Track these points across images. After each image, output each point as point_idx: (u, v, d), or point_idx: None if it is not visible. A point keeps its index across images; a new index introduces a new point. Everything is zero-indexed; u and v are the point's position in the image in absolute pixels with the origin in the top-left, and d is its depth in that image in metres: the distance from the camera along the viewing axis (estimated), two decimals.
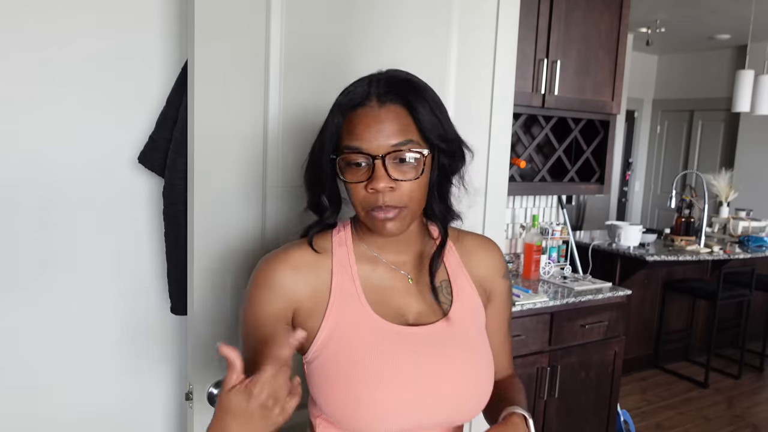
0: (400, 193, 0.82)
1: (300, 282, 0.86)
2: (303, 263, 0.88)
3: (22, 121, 1.15)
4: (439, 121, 0.84)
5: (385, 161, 0.80)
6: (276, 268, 0.87)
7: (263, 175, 1.11)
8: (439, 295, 0.91)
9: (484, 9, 1.33)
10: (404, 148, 0.80)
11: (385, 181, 0.80)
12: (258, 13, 1.06)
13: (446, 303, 0.91)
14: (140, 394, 1.35)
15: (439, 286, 0.91)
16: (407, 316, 0.89)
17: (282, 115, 1.11)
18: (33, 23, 1.14)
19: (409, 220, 0.84)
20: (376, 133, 0.80)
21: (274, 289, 0.86)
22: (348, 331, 0.85)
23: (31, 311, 1.20)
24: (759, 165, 5.54)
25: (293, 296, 0.86)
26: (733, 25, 4.89)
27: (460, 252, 0.96)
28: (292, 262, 0.87)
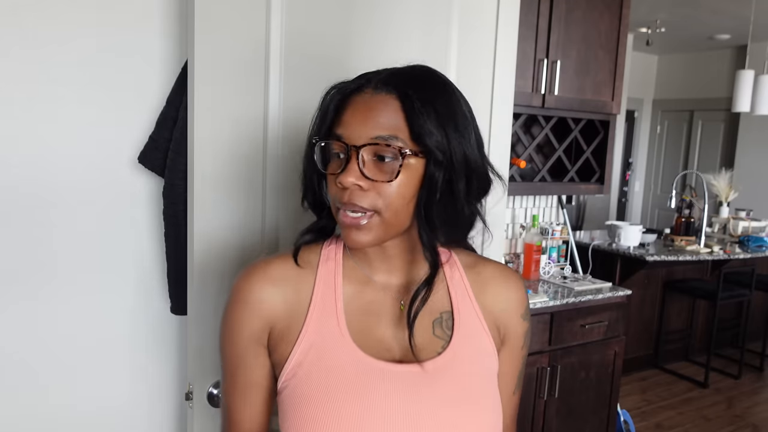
0: (372, 194, 0.70)
1: (277, 297, 0.77)
2: (283, 276, 0.78)
3: (21, 121, 1.15)
4: (442, 130, 0.71)
5: (360, 153, 0.70)
6: (252, 281, 0.77)
7: (263, 175, 1.11)
8: (435, 329, 0.77)
9: (484, 9, 1.33)
10: (383, 143, 0.69)
11: (355, 175, 0.69)
12: (258, 12, 1.06)
13: (443, 338, 0.77)
14: (140, 393, 1.35)
15: (438, 318, 0.78)
16: (394, 350, 0.76)
17: (282, 115, 1.11)
18: (33, 22, 1.14)
19: (382, 231, 0.72)
20: (361, 121, 0.71)
21: (249, 303, 0.77)
22: (322, 359, 0.74)
23: (30, 311, 1.20)
24: (759, 165, 5.54)
25: (269, 314, 0.77)
26: (733, 25, 4.89)
27: (473, 281, 0.83)
28: (271, 275, 0.78)
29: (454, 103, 0.75)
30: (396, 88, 0.72)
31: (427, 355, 0.76)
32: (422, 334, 0.77)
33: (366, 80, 0.74)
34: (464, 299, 0.81)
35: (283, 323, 0.77)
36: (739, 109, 3.92)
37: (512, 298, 0.84)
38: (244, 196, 1.10)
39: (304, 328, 0.75)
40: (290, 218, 1.16)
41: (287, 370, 0.75)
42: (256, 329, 0.77)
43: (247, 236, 1.11)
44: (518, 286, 0.85)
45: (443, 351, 0.76)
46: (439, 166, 0.71)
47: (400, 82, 0.72)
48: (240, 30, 1.05)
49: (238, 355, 0.78)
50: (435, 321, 0.78)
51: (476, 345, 0.79)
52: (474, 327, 0.80)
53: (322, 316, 0.76)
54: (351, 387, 0.72)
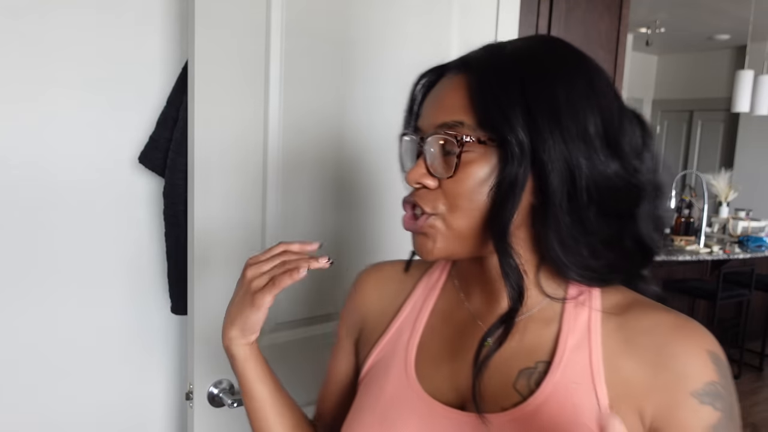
0: (436, 195, 0.58)
1: (374, 297, 0.74)
2: (388, 278, 0.74)
3: (22, 121, 1.15)
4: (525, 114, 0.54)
5: (424, 145, 0.58)
6: (362, 277, 0.77)
7: (263, 175, 1.11)
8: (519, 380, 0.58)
9: (483, 9, 1.33)
10: (445, 132, 0.56)
11: (418, 172, 0.58)
12: (258, 11, 1.06)
13: (523, 393, 0.57)
14: (140, 393, 1.35)
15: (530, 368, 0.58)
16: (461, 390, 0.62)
17: (282, 115, 1.11)
18: (33, 23, 1.14)
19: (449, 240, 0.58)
20: (429, 107, 0.60)
21: (352, 296, 0.77)
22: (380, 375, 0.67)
23: (30, 311, 1.20)
24: (758, 165, 5.54)
25: (364, 311, 0.75)
26: (733, 26, 4.89)
27: (612, 333, 0.58)
28: (378, 275, 0.76)
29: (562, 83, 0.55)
30: (468, 64, 0.59)
31: (493, 407, 0.58)
32: (500, 381, 0.59)
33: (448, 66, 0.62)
34: (580, 353, 0.57)
35: (371, 326, 0.73)
36: (738, 110, 3.92)
37: (679, 365, 0.54)
38: (244, 196, 1.10)
39: (383, 336, 0.70)
40: (291, 217, 1.16)
41: (361, 373, 0.72)
42: (351, 322, 0.77)
43: (248, 236, 1.11)
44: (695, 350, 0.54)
45: (514, 407, 0.57)
46: (514, 160, 0.54)
47: (481, 57, 0.59)
48: (240, 29, 1.05)
49: (335, 347, 0.80)
50: (523, 370, 0.59)
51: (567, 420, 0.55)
52: (579, 396, 0.55)
53: (402, 329, 0.69)
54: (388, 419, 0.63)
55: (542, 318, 0.61)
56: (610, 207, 0.56)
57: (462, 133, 0.56)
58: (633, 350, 0.56)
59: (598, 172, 0.55)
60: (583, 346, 0.57)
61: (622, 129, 0.57)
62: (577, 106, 0.55)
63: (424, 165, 0.59)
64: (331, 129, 1.20)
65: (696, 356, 0.54)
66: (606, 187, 0.55)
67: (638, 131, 0.58)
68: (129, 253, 1.29)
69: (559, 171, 0.54)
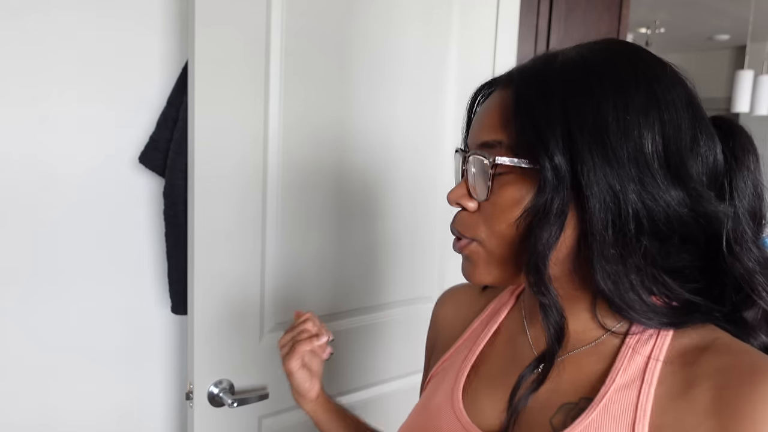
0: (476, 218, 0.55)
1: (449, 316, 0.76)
2: (463, 300, 0.75)
3: (22, 121, 1.15)
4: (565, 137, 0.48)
5: (467, 163, 0.55)
6: (443, 296, 0.80)
7: (263, 175, 1.11)
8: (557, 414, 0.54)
9: (483, 9, 1.34)
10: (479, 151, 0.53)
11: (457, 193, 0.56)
12: (258, 12, 1.06)
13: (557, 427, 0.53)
14: (140, 393, 1.35)
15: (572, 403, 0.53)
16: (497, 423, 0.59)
17: (282, 115, 1.11)
18: (33, 23, 1.14)
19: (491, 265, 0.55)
20: (475, 123, 0.57)
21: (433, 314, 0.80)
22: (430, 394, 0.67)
23: (30, 311, 1.20)
24: None
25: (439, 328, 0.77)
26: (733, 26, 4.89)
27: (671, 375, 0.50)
28: (455, 295, 0.78)
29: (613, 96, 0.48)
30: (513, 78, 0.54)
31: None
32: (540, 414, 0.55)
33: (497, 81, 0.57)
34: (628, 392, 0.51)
35: (442, 342, 0.75)
36: (738, 110, 3.92)
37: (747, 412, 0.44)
38: (244, 196, 1.10)
39: (447, 352, 0.71)
40: (290, 218, 1.16)
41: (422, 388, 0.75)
42: (430, 341, 0.79)
43: (248, 235, 1.11)
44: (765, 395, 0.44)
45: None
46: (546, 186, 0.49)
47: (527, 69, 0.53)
48: (240, 30, 1.05)
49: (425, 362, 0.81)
50: (565, 404, 0.54)
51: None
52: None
53: (462, 347, 0.69)
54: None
55: (599, 352, 0.55)
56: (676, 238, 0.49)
57: (497, 153, 0.52)
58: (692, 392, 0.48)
59: (653, 199, 0.47)
60: (633, 386, 0.51)
61: (693, 148, 0.49)
62: (629, 123, 0.47)
63: (466, 185, 0.56)
64: (331, 129, 1.20)
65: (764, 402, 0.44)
66: (665, 215, 0.48)
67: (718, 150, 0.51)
68: (129, 253, 1.29)
69: (600, 198, 0.47)
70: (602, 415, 0.51)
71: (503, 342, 0.64)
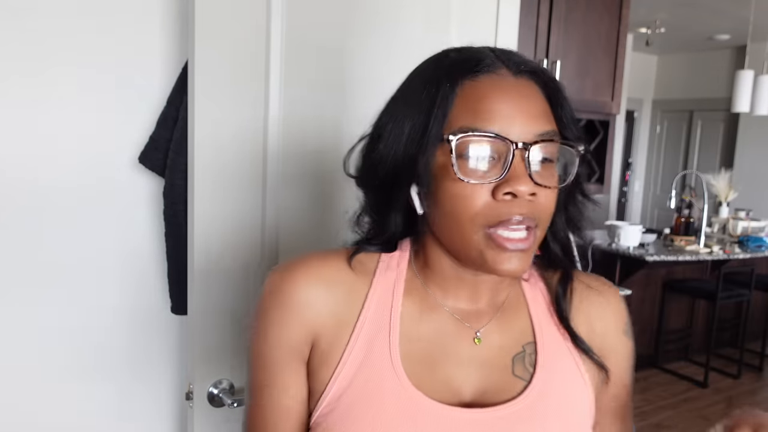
0: (542, 205, 0.57)
1: (326, 303, 0.62)
2: (335, 279, 0.63)
3: (22, 121, 1.15)
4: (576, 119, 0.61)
5: (530, 154, 0.55)
6: (297, 278, 0.62)
7: (263, 175, 1.11)
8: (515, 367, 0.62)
9: (483, 10, 1.33)
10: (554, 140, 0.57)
11: (528, 183, 0.55)
12: (258, 11, 1.06)
13: (524, 378, 0.61)
14: (140, 393, 1.35)
15: (520, 353, 0.62)
16: (463, 392, 0.61)
17: (283, 114, 1.11)
18: (33, 23, 1.14)
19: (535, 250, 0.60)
20: (517, 113, 0.55)
21: (293, 306, 0.61)
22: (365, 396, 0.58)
23: (30, 311, 1.20)
24: (758, 165, 5.54)
25: (315, 323, 0.61)
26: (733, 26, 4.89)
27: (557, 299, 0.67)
28: (322, 275, 0.62)
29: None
30: (532, 73, 0.58)
31: (504, 398, 0.60)
32: (499, 374, 0.61)
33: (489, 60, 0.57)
34: (548, 326, 0.65)
35: (327, 339, 0.61)
36: (738, 110, 3.92)
37: (612, 314, 0.68)
38: (244, 196, 1.10)
39: (347, 349, 0.60)
40: (291, 217, 1.16)
41: (323, 404, 0.60)
42: (296, 338, 0.62)
43: (248, 236, 1.11)
44: (615, 297, 0.69)
45: (523, 391, 0.60)
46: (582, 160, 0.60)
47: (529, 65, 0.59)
48: (240, 29, 1.05)
49: (272, 371, 0.62)
50: (516, 357, 0.62)
51: (564, 383, 0.63)
52: (562, 359, 0.63)
53: (371, 337, 0.61)
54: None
55: (512, 304, 0.66)
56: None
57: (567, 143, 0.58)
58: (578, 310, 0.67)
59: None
60: (548, 320, 0.65)
61: None
62: None
63: (528, 173, 0.55)
64: (332, 129, 1.20)
65: (618, 303, 0.69)
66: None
67: None
68: (129, 253, 1.29)
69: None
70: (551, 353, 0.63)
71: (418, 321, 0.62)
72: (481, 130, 0.55)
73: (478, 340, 0.62)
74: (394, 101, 0.63)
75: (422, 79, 0.60)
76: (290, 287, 0.62)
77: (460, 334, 0.62)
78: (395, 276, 0.64)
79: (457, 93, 0.57)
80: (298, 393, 0.63)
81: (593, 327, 0.67)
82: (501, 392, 0.61)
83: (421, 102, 0.58)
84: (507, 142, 0.55)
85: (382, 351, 0.60)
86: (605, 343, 0.67)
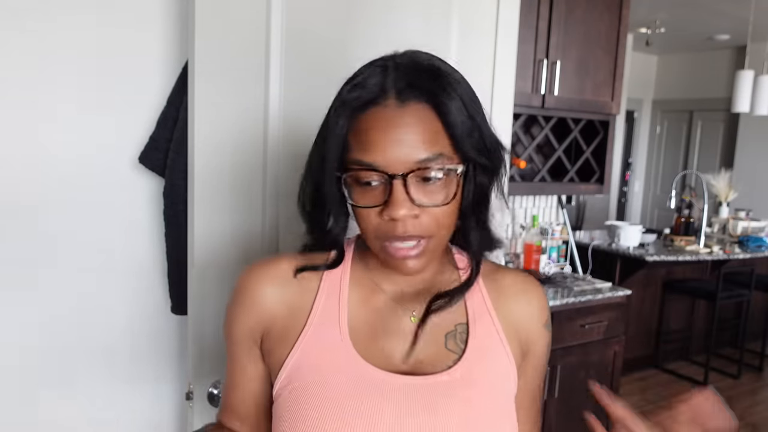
0: (426, 220, 0.65)
1: (277, 297, 0.73)
2: (286, 276, 0.74)
3: (22, 122, 1.15)
4: (475, 125, 0.65)
5: (407, 182, 0.62)
6: (254, 278, 0.74)
7: (263, 175, 1.11)
8: (448, 342, 0.72)
9: (483, 10, 1.34)
10: (432, 165, 0.63)
11: (407, 207, 0.62)
12: (258, 12, 1.06)
13: (456, 352, 0.72)
14: (140, 393, 1.35)
15: (452, 331, 0.73)
16: (401, 363, 0.71)
17: (282, 115, 1.11)
18: (33, 23, 1.14)
19: (436, 252, 0.69)
20: (395, 144, 0.62)
21: (247, 300, 0.74)
22: (320, 368, 0.69)
23: (30, 311, 1.21)
24: (758, 165, 5.55)
25: (266, 313, 0.73)
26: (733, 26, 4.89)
27: (492, 290, 0.77)
28: (273, 273, 0.74)
29: (464, 84, 0.67)
30: (423, 93, 0.64)
31: (437, 368, 0.70)
32: (433, 348, 0.71)
33: (380, 88, 0.64)
34: (481, 310, 0.75)
35: (281, 324, 0.73)
36: (738, 110, 3.92)
37: (534, 307, 0.78)
38: (244, 196, 1.10)
39: (302, 333, 0.71)
40: (290, 218, 1.16)
41: (282, 377, 0.71)
42: (250, 327, 0.74)
43: (248, 236, 1.11)
44: (540, 294, 0.79)
45: (454, 365, 0.70)
46: (481, 167, 0.67)
47: (422, 83, 0.64)
48: (240, 29, 1.05)
49: (233, 351, 0.77)
50: (448, 334, 0.72)
51: (492, 360, 0.73)
52: (491, 340, 0.73)
53: (324, 322, 0.71)
54: (351, 401, 0.67)
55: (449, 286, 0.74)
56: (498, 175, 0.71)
57: (446, 165, 0.64)
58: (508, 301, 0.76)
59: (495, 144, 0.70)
60: (481, 305, 0.75)
61: None
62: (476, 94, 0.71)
63: (407, 197, 0.63)
64: None
65: (542, 300, 0.79)
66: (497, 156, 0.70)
67: None
68: (129, 253, 1.29)
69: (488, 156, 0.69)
70: (481, 333, 0.73)
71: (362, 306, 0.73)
72: (365, 163, 0.63)
73: (413, 318, 0.73)
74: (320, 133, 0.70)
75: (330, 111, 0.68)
76: (247, 285, 0.75)
77: (398, 313, 0.73)
78: (341, 270, 0.75)
79: (351, 127, 0.65)
80: (254, 369, 0.77)
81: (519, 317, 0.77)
82: (435, 364, 0.71)
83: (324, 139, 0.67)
84: (384, 174, 0.62)
85: (333, 331, 0.71)
86: (529, 333, 0.77)
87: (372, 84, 0.65)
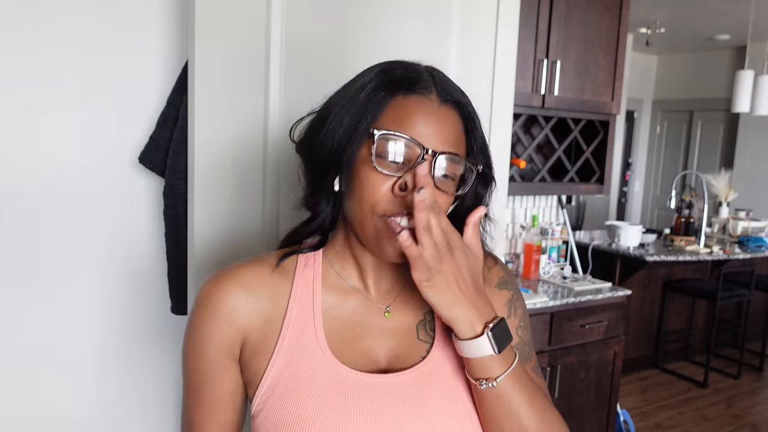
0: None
1: (251, 306, 0.71)
2: (257, 283, 0.72)
3: (22, 122, 1.15)
4: (485, 143, 0.73)
5: (436, 163, 0.66)
6: (224, 287, 0.71)
7: (263, 175, 1.11)
8: (419, 332, 0.74)
9: (484, 10, 1.34)
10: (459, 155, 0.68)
11: (430, 182, 0.65)
12: (258, 12, 1.06)
13: (427, 341, 0.73)
14: (140, 393, 1.35)
15: (422, 320, 0.75)
16: (380, 360, 0.72)
17: (282, 115, 1.12)
18: (33, 23, 1.14)
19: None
20: (437, 130, 0.66)
21: (220, 311, 0.70)
22: (300, 377, 0.69)
23: (30, 311, 1.20)
24: (758, 165, 5.55)
25: (243, 324, 0.71)
26: (733, 26, 4.89)
27: None
28: (244, 281, 0.71)
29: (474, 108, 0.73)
30: (457, 103, 0.70)
31: (412, 361, 0.72)
32: (407, 340, 0.73)
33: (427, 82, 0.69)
34: None
35: (256, 336, 0.71)
36: (738, 110, 3.93)
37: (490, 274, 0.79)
38: (244, 196, 1.10)
39: (279, 342, 0.70)
40: (290, 218, 1.16)
41: (262, 391, 0.69)
42: (227, 340, 0.71)
43: (248, 236, 1.11)
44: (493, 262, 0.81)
45: (427, 355, 0.72)
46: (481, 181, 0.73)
47: (456, 94, 0.70)
48: (240, 30, 1.05)
49: (206, 370, 0.72)
50: (419, 324, 0.75)
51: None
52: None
53: (299, 329, 0.71)
54: (333, 406, 0.67)
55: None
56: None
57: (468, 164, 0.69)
58: None
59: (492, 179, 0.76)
60: None
61: None
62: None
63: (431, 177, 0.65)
64: None
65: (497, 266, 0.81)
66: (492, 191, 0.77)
67: None
68: (129, 253, 1.29)
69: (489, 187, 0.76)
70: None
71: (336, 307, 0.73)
72: (400, 135, 0.65)
73: (388, 314, 0.74)
74: (343, 91, 0.71)
75: (366, 82, 0.69)
76: (218, 297, 0.71)
77: (372, 311, 0.74)
78: (312, 274, 0.74)
79: (389, 102, 0.67)
80: (232, 385, 0.73)
81: None
82: (410, 356, 0.72)
83: (360, 103, 0.68)
84: (420, 146, 0.65)
85: (310, 338, 0.70)
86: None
87: (417, 74, 0.69)
